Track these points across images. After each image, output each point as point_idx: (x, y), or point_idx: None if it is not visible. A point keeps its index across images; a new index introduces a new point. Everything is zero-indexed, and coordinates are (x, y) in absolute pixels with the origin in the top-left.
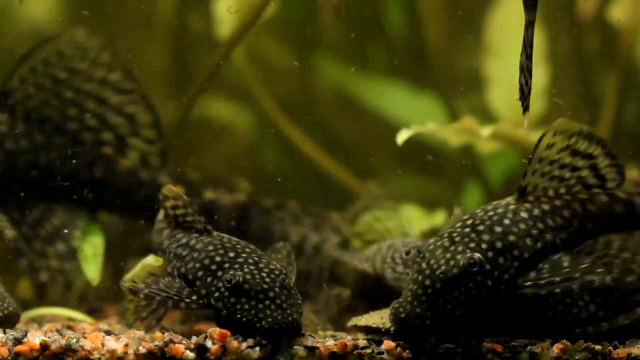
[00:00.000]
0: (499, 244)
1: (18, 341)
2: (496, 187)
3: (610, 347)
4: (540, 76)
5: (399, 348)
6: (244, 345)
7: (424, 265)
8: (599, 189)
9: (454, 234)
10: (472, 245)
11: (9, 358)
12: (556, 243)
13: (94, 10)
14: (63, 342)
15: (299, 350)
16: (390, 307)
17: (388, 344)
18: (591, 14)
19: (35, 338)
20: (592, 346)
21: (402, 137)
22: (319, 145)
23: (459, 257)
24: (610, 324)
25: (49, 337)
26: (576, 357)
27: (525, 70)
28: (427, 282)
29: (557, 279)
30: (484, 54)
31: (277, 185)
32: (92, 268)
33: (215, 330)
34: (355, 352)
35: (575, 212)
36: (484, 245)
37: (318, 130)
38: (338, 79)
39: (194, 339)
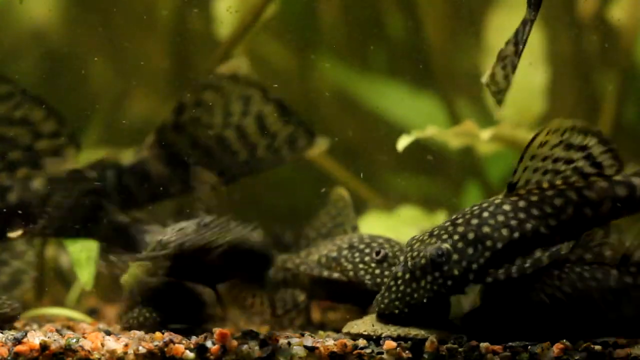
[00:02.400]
0: (471, 235)
1: (18, 341)
2: (496, 188)
3: (610, 347)
4: (540, 76)
5: (398, 348)
6: (244, 345)
7: (402, 258)
8: (598, 176)
9: (435, 229)
10: (445, 237)
11: (9, 358)
12: (540, 231)
13: (94, 10)
14: (63, 342)
15: (299, 350)
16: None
17: (388, 344)
18: (591, 14)
19: (35, 338)
20: (592, 346)
21: (402, 143)
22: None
23: (428, 248)
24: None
25: (49, 337)
26: (576, 357)
27: (510, 66)
28: (399, 273)
29: (528, 261)
30: (484, 54)
31: (277, 186)
32: (86, 272)
33: (215, 330)
34: (355, 352)
35: (570, 199)
36: (455, 237)
37: (318, 130)
38: (338, 79)
39: (193, 339)
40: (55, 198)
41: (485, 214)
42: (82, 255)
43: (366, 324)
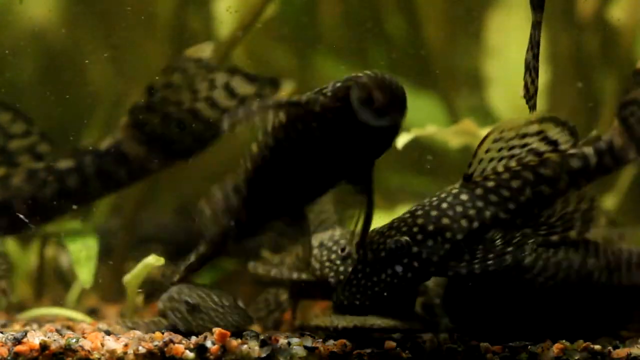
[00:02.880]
0: (430, 227)
1: (18, 341)
2: None
3: (610, 347)
4: (540, 76)
5: (398, 348)
6: (244, 345)
7: (361, 251)
8: (553, 152)
9: (395, 221)
10: (404, 229)
11: (9, 358)
12: (499, 216)
13: (94, 9)
14: (63, 342)
15: (299, 350)
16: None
17: (388, 344)
18: (591, 14)
19: (35, 338)
20: (592, 346)
21: (401, 141)
22: None
23: (388, 241)
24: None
25: (48, 337)
26: (576, 357)
27: (532, 70)
28: (360, 266)
29: (491, 255)
30: (484, 54)
31: None
32: (86, 271)
33: (215, 330)
34: (355, 352)
35: (526, 180)
36: (415, 229)
37: None
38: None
39: (193, 339)
40: None
41: (444, 205)
42: (82, 254)
43: (324, 315)
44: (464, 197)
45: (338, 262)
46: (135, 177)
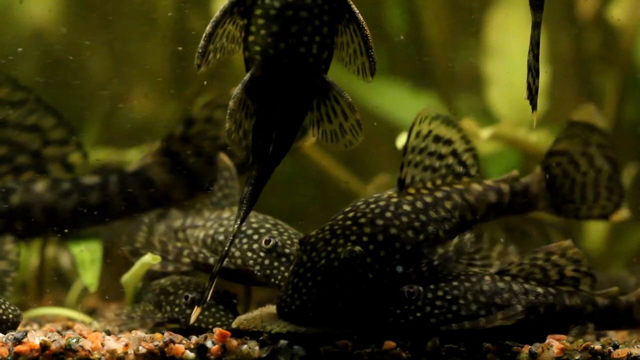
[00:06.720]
0: (380, 237)
1: (18, 341)
2: None
3: (610, 347)
4: (540, 76)
5: (398, 348)
6: (244, 345)
7: (305, 257)
8: (467, 176)
9: (335, 227)
10: (353, 238)
11: (9, 358)
12: (439, 235)
13: (94, 9)
14: (63, 342)
15: (299, 350)
16: (275, 301)
17: (388, 344)
18: (591, 14)
19: (35, 338)
20: (592, 346)
21: (402, 141)
22: (319, 145)
23: (340, 250)
24: (487, 320)
25: (49, 337)
26: (576, 357)
27: (533, 70)
28: (308, 274)
29: (436, 260)
30: (484, 54)
31: (277, 186)
32: (90, 274)
33: (215, 330)
34: (355, 352)
35: (456, 203)
36: (365, 238)
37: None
38: (338, 79)
39: (193, 339)
40: None
41: (388, 214)
42: (86, 257)
43: (256, 320)
44: (406, 207)
45: (262, 254)
46: (156, 203)
